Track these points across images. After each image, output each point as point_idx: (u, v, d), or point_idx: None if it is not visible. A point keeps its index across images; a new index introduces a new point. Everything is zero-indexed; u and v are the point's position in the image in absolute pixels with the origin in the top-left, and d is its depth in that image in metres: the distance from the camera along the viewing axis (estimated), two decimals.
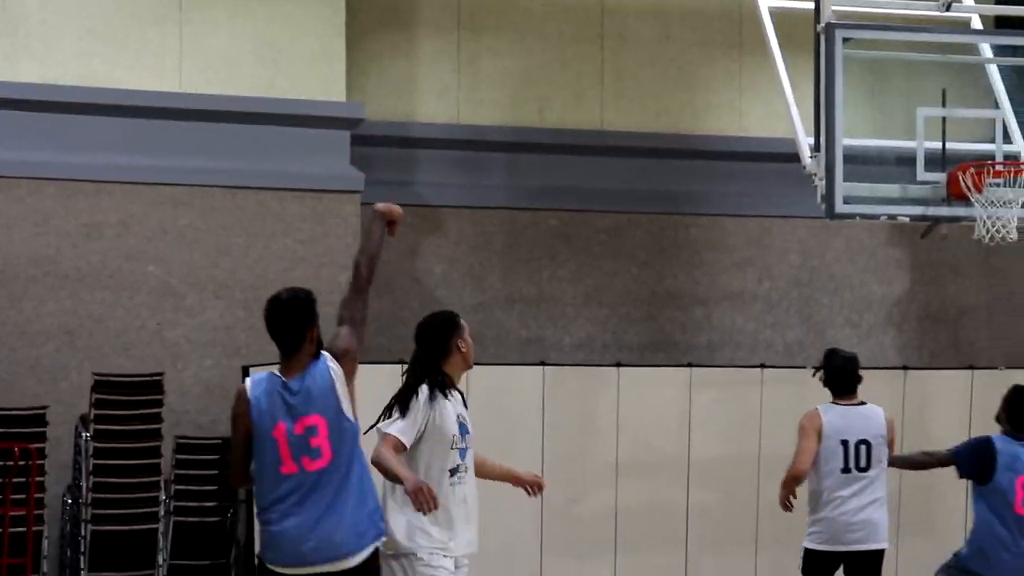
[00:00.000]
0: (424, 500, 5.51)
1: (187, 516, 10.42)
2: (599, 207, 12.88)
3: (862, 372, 8.11)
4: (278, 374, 5.38)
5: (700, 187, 13.00)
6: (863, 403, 7.96)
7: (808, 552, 7.84)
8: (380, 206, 5.79)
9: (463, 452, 5.88)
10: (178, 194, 11.37)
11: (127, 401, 10.17)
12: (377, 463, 5.68)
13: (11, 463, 9.78)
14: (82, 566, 9.94)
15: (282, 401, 5.30)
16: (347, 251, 11.70)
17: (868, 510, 7.75)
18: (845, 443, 7.75)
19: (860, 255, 13.42)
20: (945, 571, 7.90)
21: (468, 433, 6.05)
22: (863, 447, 7.77)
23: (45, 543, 10.04)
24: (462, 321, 6.24)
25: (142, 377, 10.36)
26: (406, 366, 6.13)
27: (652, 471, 11.13)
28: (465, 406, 6.09)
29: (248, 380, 5.47)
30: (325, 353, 5.40)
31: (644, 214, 12.96)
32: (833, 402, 7.96)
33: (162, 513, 10.13)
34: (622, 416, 11.12)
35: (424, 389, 5.85)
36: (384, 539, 5.49)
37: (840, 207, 9.99)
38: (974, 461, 7.57)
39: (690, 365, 11.68)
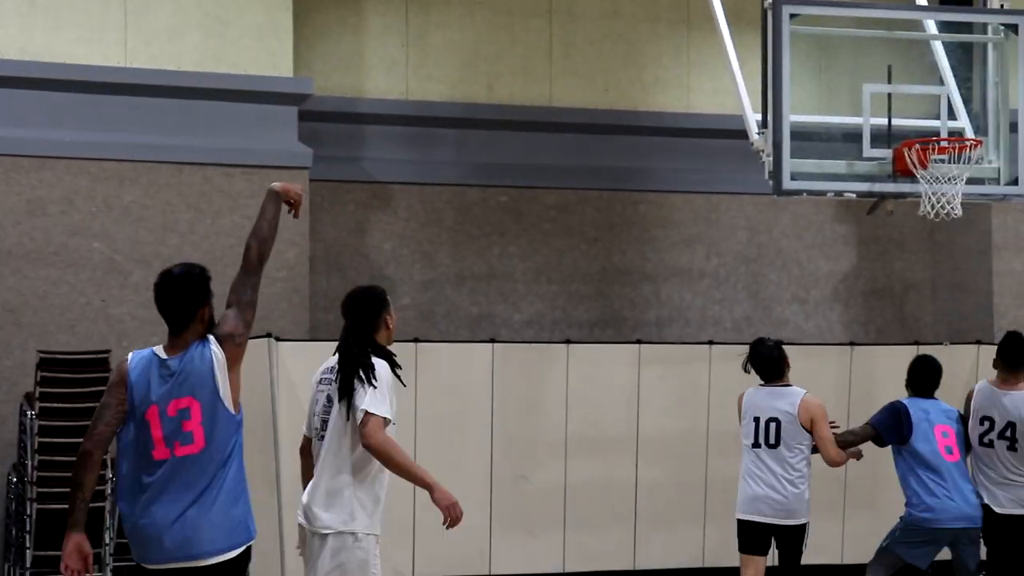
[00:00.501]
0: (455, 516, 5.54)
1: None
2: (548, 183, 12.88)
3: (809, 349, 8.30)
4: (158, 352, 5.15)
5: (648, 163, 13.02)
6: (787, 385, 8.15)
7: (737, 521, 8.21)
8: (277, 185, 5.53)
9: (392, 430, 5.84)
10: (123, 170, 11.27)
11: (72, 379, 10.08)
12: (387, 453, 5.53)
13: None
14: (27, 545, 9.86)
15: (158, 379, 5.05)
16: (295, 227, 11.63)
17: (776, 485, 8.01)
18: (757, 420, 8.11)
19: (807, 231, 13.49)
20: (891, 541, 8.11)
21: None
22: (772, 424, 8.06)
23: None
24: (389, 297, 6.17)
25: (88, 354, 10.28)
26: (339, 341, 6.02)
27: (601, 447, 11.16)
28: None
29: (131, 354, 5.22)
30: (211, 336, 5.15)
31: (593, 190, 12.97)
32: (759, 385, 8.30)
33: (109, 491, 10.05)
34: (571, 393, 11.14)
35: (385, 366, 5.79)
36: (252, 542, 5.17)
37: (787, 183, 10.01)
38: (893, 425, 8.13)
39: (639, 342, 11.71)
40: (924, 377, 8.37)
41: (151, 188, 11.30)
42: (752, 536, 8.16)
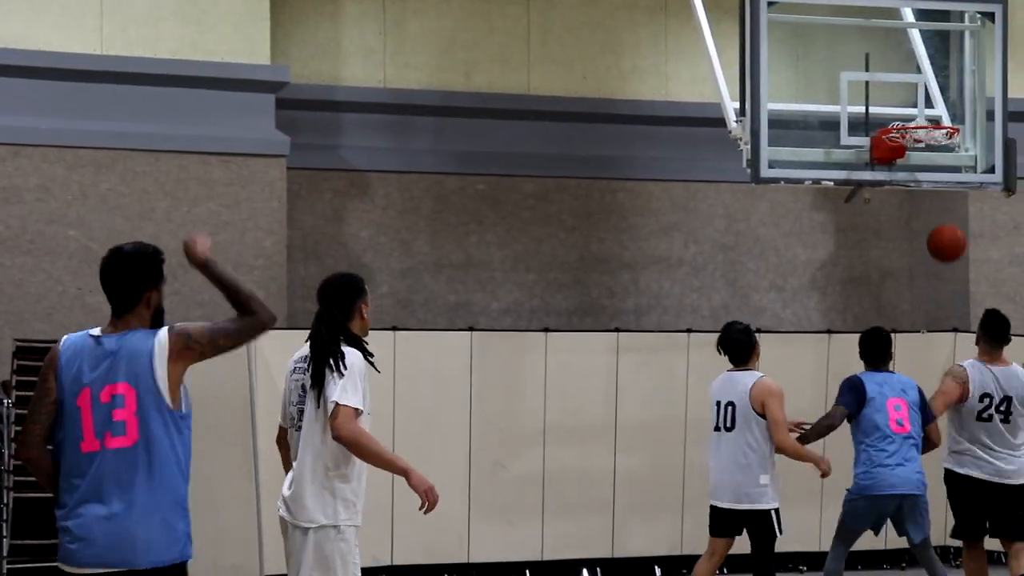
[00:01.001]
0: (432, 500, 5.49)
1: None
2: (526, 172, 12.86)
3: (786, 336, 8.37)
4: (93, 332, 4.76)
5: (626, 151, 13.01)
6: (747, 369, 8.21)
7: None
8: (185, 243, 4.91)
9: (367, 420, 5.80)
10: (99, 157, 11.21)
11: None
12: (358, 443, 5.47)
13: None
14: (4, 533, 9.81)
15: (91, 360, 4.63)
16: (273, 215, 11.60)
17: (732, 470, 8.12)
18: (718, 404, 8.28)
19: (785, 219, 13.51)
20: (842, 514, 8.27)
21: None
22: (729, 408, 8.21)
23: None
24: (366, 286, 6.08)
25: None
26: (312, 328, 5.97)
27: (580, 436, 11.17)
28: None
29: (64, 338, 4.83)
30: (166, 328, 4.69)
31: (571, 179, 12.96)
32: (727, 370, 8.42)
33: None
34: (550, 381, 11.14)
35: (357, 354, 5.75)
36: (190, 558, 4.69)
37: (765, 171, 10.02)
38: (855, 399, 8.36)
39: (617, 330, 11.71)
40: (872, 348, 8.54)
41: (127, 176, 11.25)
42: (716, 520, 8.25)
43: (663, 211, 13.18)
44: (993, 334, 8.70)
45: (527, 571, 11.12)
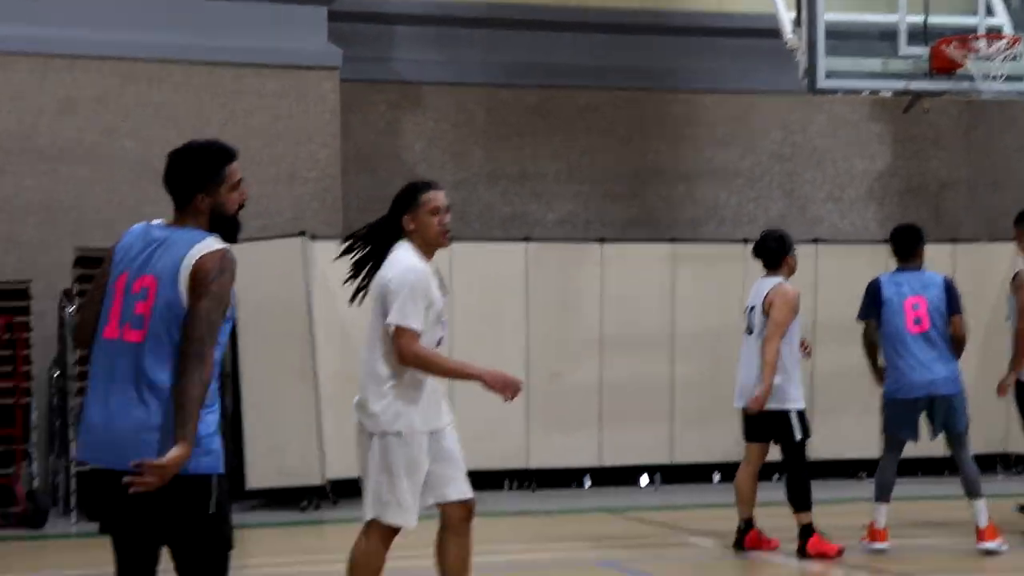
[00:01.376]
0: (512, 390, 5.43)
1: None
2: (579, 83, 12.79)
3: (844, 247, 8.28)
4: (155, 221, 4.40)
5: (681, 63, 12.91)
6: (774, 276, 8.22)
7: None
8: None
9: (445, 323, 5.78)
10: (154, 69, 11.24)
11: None
12: (425, 364, 5.45)
13: None
14: (70, 437, 9.99)
15: (140, 245, 4.28)
16: (326, 128, 11.61)
17: (752, 373, 8.12)
18: (747, 309, 8.29)
19: (842, 130, 13.39)
20: (883, 423, 8.25)
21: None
22: (751, 312, 8.22)
23: (34, 414, 10.10)
24: (425, 196, 5.80)
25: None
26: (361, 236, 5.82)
27: (636, 346, 11.19)
28: (439, 277, 5.83)
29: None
30: (211, 241, 4.24)
31: (625, 89, 12.89)
32: (761, 276, 8.40)
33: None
34: (605, 291, 11.15)
35: (416, 269, 5.67)
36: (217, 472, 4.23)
37: (822, 82, 9.95)
38: (868, 304, 8.28)
39: (673, 241, 11.69)
40: (898, 243, 8.42)
41: (182, 88, 11.28)
42: (744, 424, 8.25)
43: (719, 122, 13.10)
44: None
45: (586, 477, 11.21)
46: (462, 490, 5.65)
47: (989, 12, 10.49)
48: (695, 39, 12.88)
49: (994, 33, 10.35)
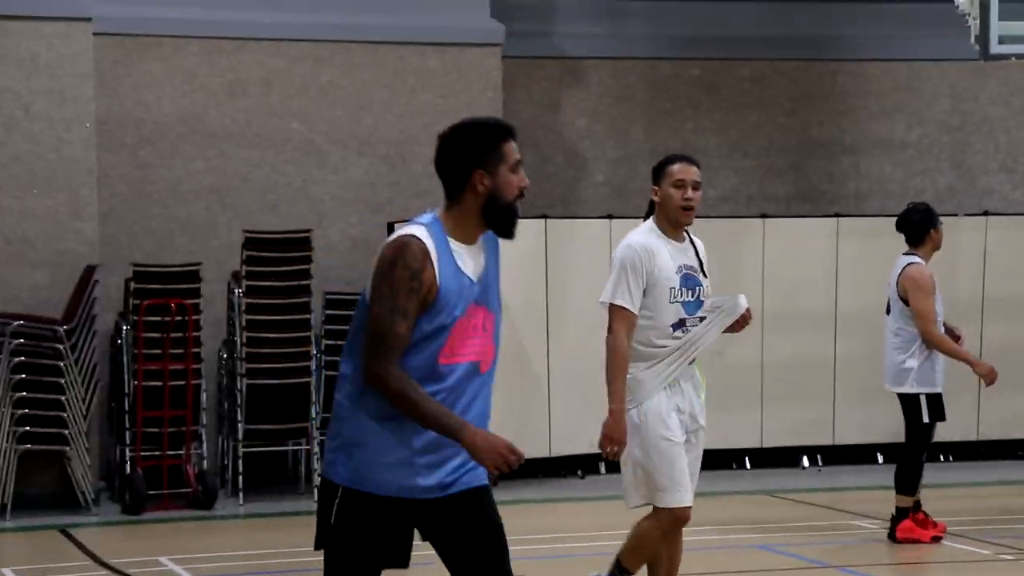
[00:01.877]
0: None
1: (336, 371, 10.58)
2: (742, 55, 12.62)
3: (1017, 219, 8.02)
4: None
5: (845, 31, 12.66)
6: (912, 253, 8.13)
7: None
8: None
9: (689, 305, 5.60)
10: (319, 50, 11.40)
11: (277, 258, 10.33)
12: (608, 354, 5.38)
13: (169, 318, 10.04)
14: (239, 418, 10.22)
15: None
16: (489, 105, 11.65)
17: (887, 352, 8.12)
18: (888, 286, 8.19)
19: (1016, 97, 12.97)
20: None
21: (698, 284, 5.62)
22: (888, 290, 8.16)
23: (204, 396, 10.34)
24: (671, 168, 5.58)
25: (290, 234, 10.52)
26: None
27: (798, 323, 11.05)
28: (696, 253, 5.65)
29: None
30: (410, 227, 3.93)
31: (788, 60, 12.69)
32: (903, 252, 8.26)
33: (314, 367, 10.34)
34: (767, 268, 11.02)
35: (629, 245, 5.50)
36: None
37: (995, 47, 9.70)
38: None
39: (837, 215, 11.49)
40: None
41: (346, 68, 11.43)
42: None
43: (885, 92, 12.82)
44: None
45: (747, 458, 11.12)
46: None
47: None
48: (860, 5, 12.62)
49: None
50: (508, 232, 3.96)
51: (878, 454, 11.09)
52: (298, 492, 10.50)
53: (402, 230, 3.99)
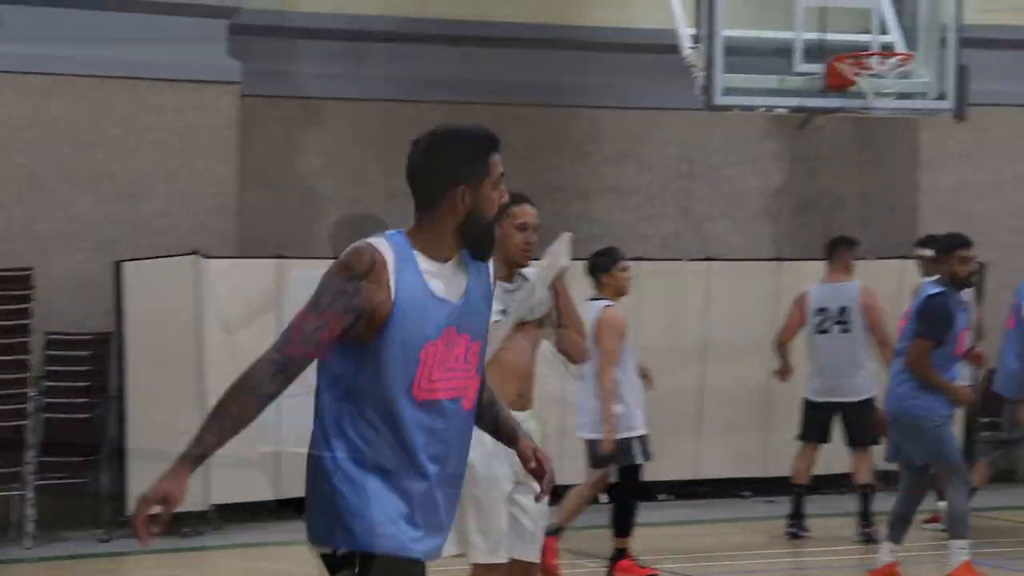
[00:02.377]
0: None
1: (57, 412, 10.24)
2: (482, 99, 12.76)
3: (737, 264, 8.33)
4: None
5: (581, 78, 12.93)
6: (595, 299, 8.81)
7: None
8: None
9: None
10: (48, 83, 11.07)
11: None
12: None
13: None
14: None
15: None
16: (225, 143, 11.50)
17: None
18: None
19: (737, 147, 13.47)
20: None
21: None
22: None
23: None
24: (515, 210, 5.30)
25: (10, 272, 10.15)
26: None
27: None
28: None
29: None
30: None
31: (525, 105, 12.89)
32: None
33: (31, 410, 9.95)
34: None
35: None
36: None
37: (719, 98, 10.03)
38: None
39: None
40: None
41: (76, 102, 11.11)
42: None
43: (618, 139, 13.14)
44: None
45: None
46: None
47: (883, 31, 10.64)
48: (597, 54, 12.91)
49: (887, 51, 10.50)
50: (483, 254, 3.65)
51: None
52: (8, 539, 10.06)
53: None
